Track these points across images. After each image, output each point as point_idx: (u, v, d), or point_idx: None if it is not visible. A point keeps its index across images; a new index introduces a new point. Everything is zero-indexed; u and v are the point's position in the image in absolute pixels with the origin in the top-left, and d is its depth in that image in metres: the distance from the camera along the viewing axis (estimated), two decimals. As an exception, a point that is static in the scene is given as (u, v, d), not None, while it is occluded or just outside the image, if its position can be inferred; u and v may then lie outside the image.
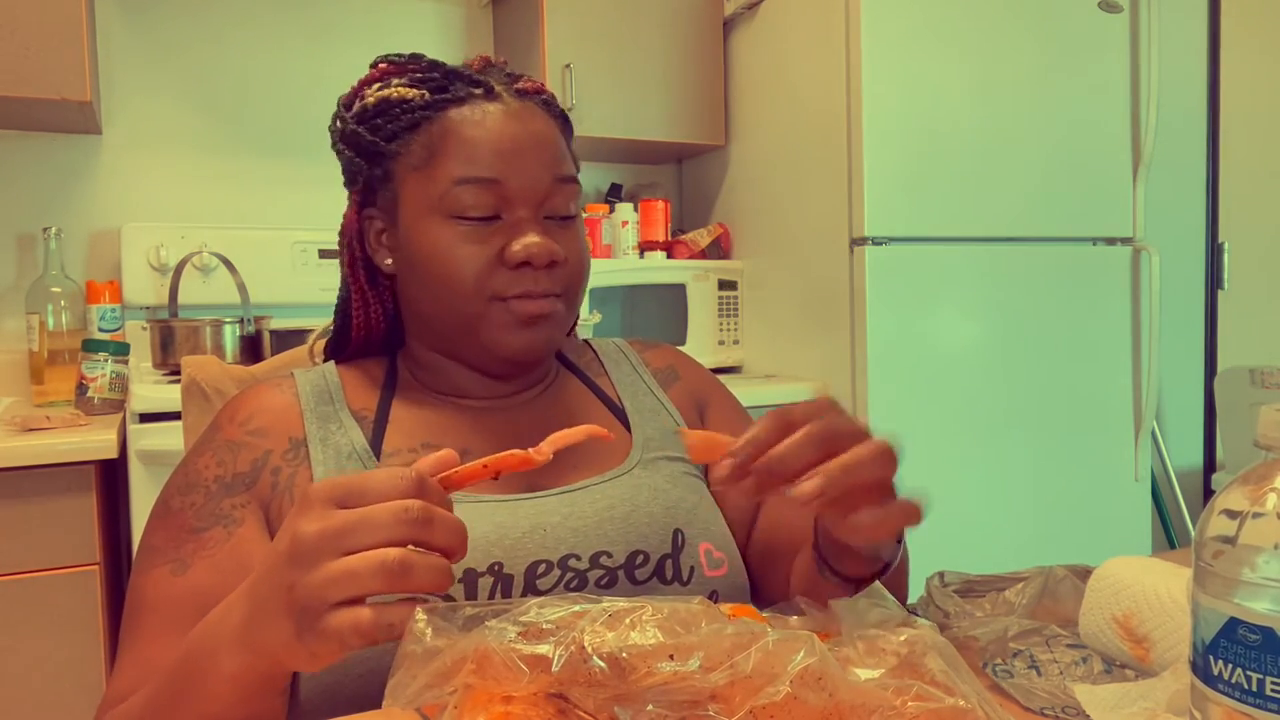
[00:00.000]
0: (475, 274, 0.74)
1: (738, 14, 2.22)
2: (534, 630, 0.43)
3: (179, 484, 0.74)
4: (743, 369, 2.26)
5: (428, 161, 0.75)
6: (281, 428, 0.76)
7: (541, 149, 0.77)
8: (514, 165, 0.75)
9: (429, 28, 2.29)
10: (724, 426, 0.89)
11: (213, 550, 0.69)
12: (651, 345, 0.96)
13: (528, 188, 0.75)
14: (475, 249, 0.74)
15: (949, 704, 0.42)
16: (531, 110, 0.78)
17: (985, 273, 1.96)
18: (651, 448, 0.82)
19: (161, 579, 0.68)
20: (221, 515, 0.71)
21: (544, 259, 0.74)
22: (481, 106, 0.76)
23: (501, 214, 0.75)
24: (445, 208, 0.74)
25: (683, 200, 2.55)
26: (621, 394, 0.87)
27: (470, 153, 0.74)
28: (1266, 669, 0.40)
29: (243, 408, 0.77)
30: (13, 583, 1.39)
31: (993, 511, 1.98)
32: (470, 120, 0.75)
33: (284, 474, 0.74)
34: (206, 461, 0.74)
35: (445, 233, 0.74)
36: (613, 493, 0.77)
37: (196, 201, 2.07)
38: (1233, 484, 0.44)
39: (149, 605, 0.68)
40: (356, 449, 0.75)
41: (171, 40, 2.05)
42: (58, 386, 1.78)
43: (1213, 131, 2.85)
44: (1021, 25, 1.98)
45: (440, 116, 0.76)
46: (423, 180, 0.75)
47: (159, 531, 0.71)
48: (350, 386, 0.80)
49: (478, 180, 0.74)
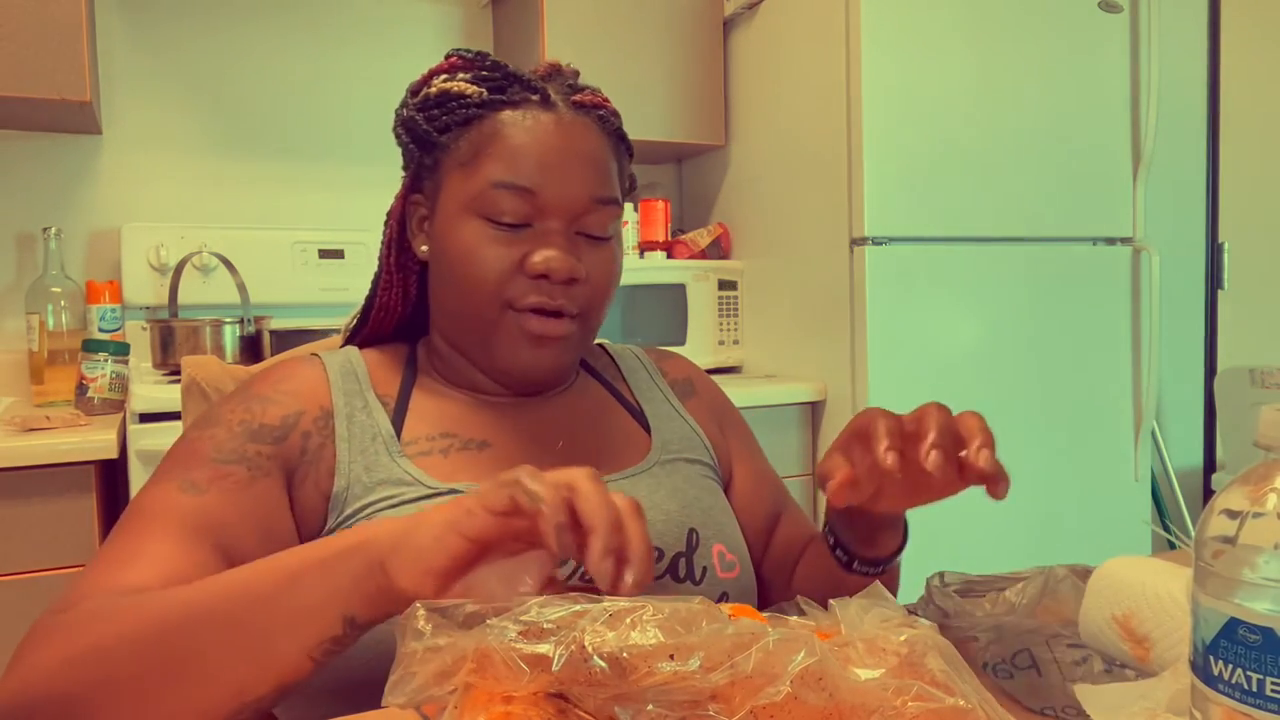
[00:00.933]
0: (496, 276, 0.74)
1: (738, 14, 2.22)
2: (534, 629, 0.43)
3: (199, 421, 0.72)
4: (743, 369, 2.26)
5: (472, 159, 0.75)
6: (314, 395, 0.75)
7: (584, 165, 0.76)
8: (553, 177, 0.74)
9: (429, 28, 2.29)
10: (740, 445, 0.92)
11: (231, 486, 0.66)
12: (667, 355, 0.96)
13: (563, 202, 0.75)
14: (500, 251, 0.74)
15: (949, 704, 0.42)
16: (584, 125, 0.77)
17: (985, 273, 1.96)
18: (670, 449, 0.83)
19: (169, 492, 0.65)
20: (245, 456, 0.68)
21: (563, 274, 0.73)
22: (533, 114, 0.76)
23: (533, 223, 0.75)
24: (479, 208, 0.75)
25: (683, 200, 2.55)
26: (639, 398, 0.88)
27: (511, 158, 0.74)
28: (1266, 669, 0.40)
29: (274, 371, 0.77)
30: (13, 583, 1.39)
31: (993, 511, 1.98)
32: (519, 125, 0.75)
33: (314, 441, 0.72)
34: (232, 407, 0.72)
35: (475, 232, 0.75)
36: (630, 489, 0.77)
37: (196, 201, 2.07)
38: (1233, 484, 0.44)
39: (151, 512, 0.63)
40: (382, 433, 0.74)
41: (171, 40, 2.05)
42: (58, 386, 1.78)
43: (1213, 131, 2.85)
44: (1021, 25, 1.98)
45: (492, 117, 0.76)
46: (464, 177, 0.76)
47: (170, 459, 0.68)
48: (374, 370, 0.80)
49: (514, 187, 0.74)
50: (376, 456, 0.73)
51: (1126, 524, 2.13)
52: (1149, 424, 2.14)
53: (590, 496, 0.50)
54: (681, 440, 0.85)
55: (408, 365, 0.82)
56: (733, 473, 0.90)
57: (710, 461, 0.86)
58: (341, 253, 2.10)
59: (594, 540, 0.49)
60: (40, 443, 1.39)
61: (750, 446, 0.93)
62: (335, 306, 2.09)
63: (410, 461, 0.73)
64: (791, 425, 1.98)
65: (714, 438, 0.89)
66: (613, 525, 0.49)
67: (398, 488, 0.71)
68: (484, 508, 0.49)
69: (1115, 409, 2.12)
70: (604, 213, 0.77)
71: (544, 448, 0.78)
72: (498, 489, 0.50)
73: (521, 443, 0.78)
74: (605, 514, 0.49)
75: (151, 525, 0.63)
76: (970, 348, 1.95)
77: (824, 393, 1.97)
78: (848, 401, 1.91)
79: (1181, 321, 2.82)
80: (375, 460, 0.73)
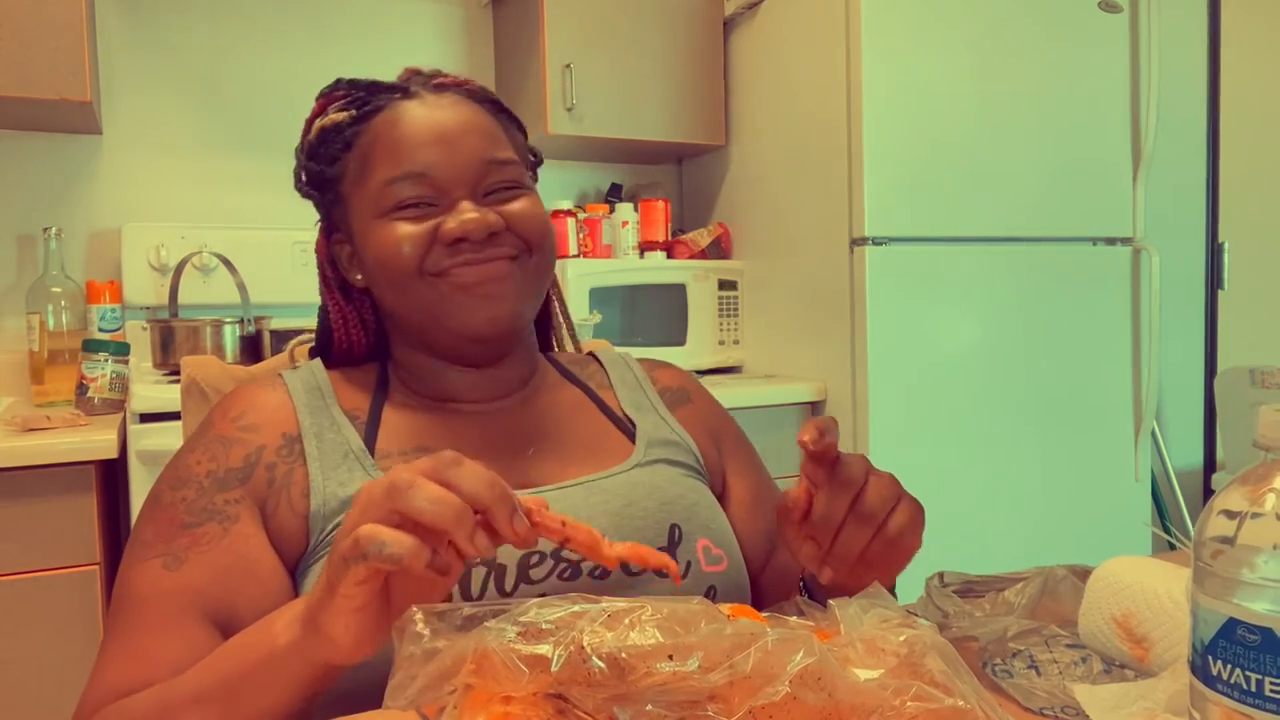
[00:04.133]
0: (415, 254, 0.75)
1: (738, 14, 2.22)
2: (533, 630, 0.43)
3: (170, 479, 0.73)
4: (743, 369, 2.27)
5: (362, 171, 0.78)
6: (274, 424, 0.75)
7: (466, 134, 0.77)
8: (439, 154, 0.76)
9: (429, 28, 2.29)
10: (738, 463, 0.91)
11: (207, 547, 0.68)
12: (661, 365, 0.96)
13: (458, 173, 0.76)
14: (413, 229, 0.75)
15: (949, 704, 0.42)
16: (452, 100, 0.79)
17: (985, 273, 1.96)
18: (652, 453, 0.83)
19: (153, 572, 0.67)
20: (215, 511, 0.70)
21: (480, 232, 0.74)
22: (401, 106, 0.78)
23: (438, 203, 0.76)
24: (383, 209, 0.76)
25: (683, 200, 2.55)
26: (624, 403, 0.88)
27: (395, 152, 0.76)
28: (1265, 669, 0.40)
29: (234, 405, 0.77)
30: (13, 583, 1.39)
31: (993, 511, 1.98)
32: (391, 121, 0.77)
33: (280, 470, 0.73)
34: (198, 457, 0.74)
35: (388, 230, 0.76)
36: (609, 488, 0.77)
37: (196, 201, 2.07)
38: (1232, 484, 0.44)
39: (140, 598, 0.66)
40: (353, 449, 0.75)
41: (171, 40, 2.05)
42: (58, 386, 1.78)
43: (1213, 131, 2.85)
44: (1021, 25, 1.98)
45: (366, 128, 0.79)
46: (362, 190, 0.78)
47: (149, 526, 0.70)
48: (339, 386, 0.81)
49: (407, 176, 0.75)
50: (350, 473, 0.73)
51: (1126, 524, 2.13)
52: (1149, 424, 2.14)
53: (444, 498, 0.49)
54: (666, 446, 0.84)
55: (379, 383, 0.82)
56: (729, 488, 0.89)
57: (696, 465, 0.86)
58: (341, 253, 2.10)
59: (497, 524, 0.50)
60: (40, 443, 1.39)
61: (750, 462, 0.92)
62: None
63: None
64: (792, 425, 1.98)
65: (705, 449, 0.88)
66: (494, 501, 0.50)
67: None
68: (350, 582, 0.49)
69: (1115, 409, 2.12)
70: (503, 171, 0.78)
71: (517, 455, 0.79)
72: (341, 566, 0.49)
73: (494, 450, 0.78)
74: (481, 494, 0.50)
75: (145, 617, 0.66)
76: (970, 348, 1.95)
77: (824, 393, 1.97)
78: (848, 401, 1.91)
79: (1181, 321, 2.82)
80: (349, 477, 0.73)
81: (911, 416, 1.90)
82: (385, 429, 0.78)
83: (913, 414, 1.90)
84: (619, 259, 2.26)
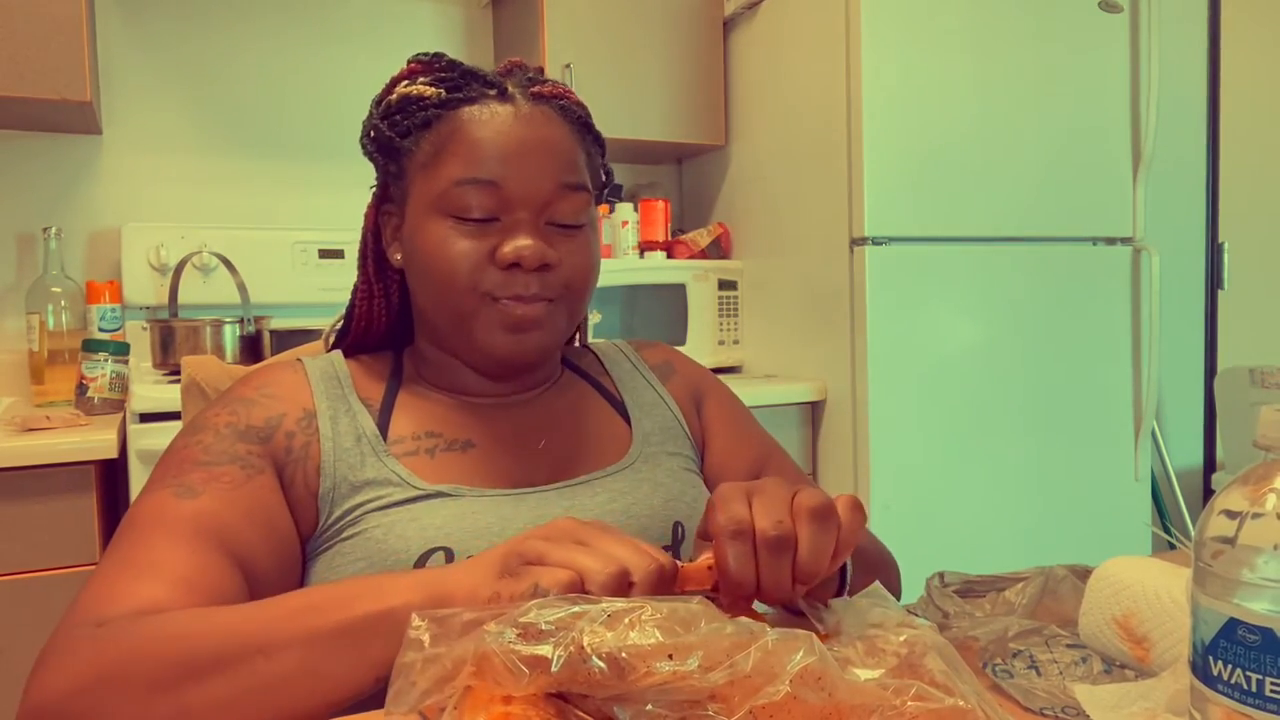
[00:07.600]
0: (468, 271, 0.74)
1: (738, 14, 2.21)
2: (533, 631, 0.43)
3: (185, 430, 0.73)
4: (743, 369, 2.26)
5: (433, 160, 0.75)
6: (294, 399, 0.76)
7: (547, 154, 0.75)
8: (515, 169, 0.74)
9: (429, 28, 2.29)
10: (720, 419, 0.91)
11: (227, 484, 0.66)
12: (648, 344, 0.97)
13: (528, 192, 0.74)
14: (469, 245, 0.74)
15: (949, 704, 0.42)
16: (545, 115, 0.77)
17: (985, 273, 1.96)
18: (652, 442, 0.84)
19: (165, 501, 0.65)
20: (236, 456, 0.69)
21: (534, 261, 0.73)
22: (491, 107, 0.76)
23: (501, 217, 0.75)
24: (445, 207, 0.74)
25: (683, 200, 2.55)
26: (622, 390, 0.89)
27: (472, 154, 0.74)
28: (1266, 669, 0.40)
29: (256, 376, 0.78)
30: (13, 583, 1.39)
31: (993, 511, 1.98)
32: (477, 121, 0.75)
33: (298, 441, 0.73)
34: (217, 411, 0.73)
35: (443, 230, 0.74)
36: (613, 486, 0.78)
37: (196, 201, 2.07)
38: (1232, 484, 0.44)
39: (150, 520, 0.63)
40: (366, 434, 0.75)
41: (171, 40, 2.05)
42: (58, 386, 1.78)
43: (1213, 131, 2.85)
44: (1021, 25, 1.98)
45: (451, 115, 0.76)
46: (427, 178, 0.76)
47: (160, 468, 0.69)
48: (357, 375, 0.81)
49: (476, 181, 0.73)
50: (362, 457, 0.73)
51: (1126, 524, 2.13)
52: (1149, 424, 2.14)
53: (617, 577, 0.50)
54: (662, 431, 0.85)
55: (393, 371, 0.83)
56: (710, 439, 0.90)
57: (690, 451, 0.87)
58: (341, 253, 2.10)
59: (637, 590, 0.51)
60: (40, 443, 1.39)
61: (730, 409, 0.93)
62: (335, 306, 2.08)
63: (398, 461, 0.74)
64: (792, 425, 1.98)
65: (690, 417, 0.89)
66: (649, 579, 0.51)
67: (385, 488, 0.72)
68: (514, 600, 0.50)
69: (1115, 409, 2.12)
70: (572, 199, 0.76)
71: (527, 448, 0.79)
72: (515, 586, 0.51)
73: (505, 443, 0.78)
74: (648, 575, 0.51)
75: (154, 533, 0.62)
76: (970, 347, 1.95)
77: (824, 392, 1.97)
78: (848, 401, 1.91)
79: (1181, 321, 2.82)
80: (361, 460, 0.73)
81: (911, 416, 1.90)
82: (399, 416, 0.78)
83: (913, 414, 1.90)
84: (619, 259, 2.26)
